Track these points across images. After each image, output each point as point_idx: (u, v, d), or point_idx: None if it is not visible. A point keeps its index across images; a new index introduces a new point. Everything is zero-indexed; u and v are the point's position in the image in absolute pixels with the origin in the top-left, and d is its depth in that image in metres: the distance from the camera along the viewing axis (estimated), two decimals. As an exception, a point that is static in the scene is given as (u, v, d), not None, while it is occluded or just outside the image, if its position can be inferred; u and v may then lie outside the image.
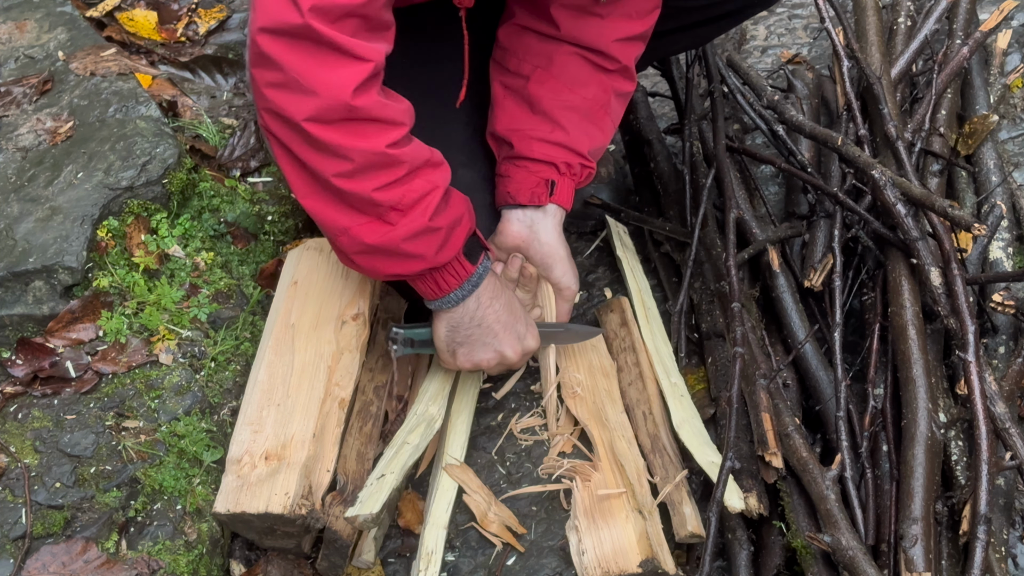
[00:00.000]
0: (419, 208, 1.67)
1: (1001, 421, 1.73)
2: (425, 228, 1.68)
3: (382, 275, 1.78)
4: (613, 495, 1.83)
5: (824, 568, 1.69)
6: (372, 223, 1.66)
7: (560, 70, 1.91)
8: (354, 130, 1.59)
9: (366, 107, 1.58)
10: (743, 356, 1.83)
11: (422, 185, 1.67)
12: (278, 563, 1.82)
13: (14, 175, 2.16)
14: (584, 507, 1.82)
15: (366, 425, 1.93)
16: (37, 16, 2.56)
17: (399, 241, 1.68)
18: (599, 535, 1.78)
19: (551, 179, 1.92)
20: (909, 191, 1.91)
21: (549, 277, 1.97)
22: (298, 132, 1.58)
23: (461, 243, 1.74)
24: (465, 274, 1.77)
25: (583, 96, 1.91)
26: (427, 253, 1.71)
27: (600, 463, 1.88)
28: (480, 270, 1.79)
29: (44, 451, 1.84)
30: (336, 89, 1.55)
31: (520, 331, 1.87)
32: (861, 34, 2.34)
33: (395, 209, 1.65)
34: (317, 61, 1.54)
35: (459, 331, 1.83)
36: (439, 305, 1.80)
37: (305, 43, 1.53)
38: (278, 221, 2.29)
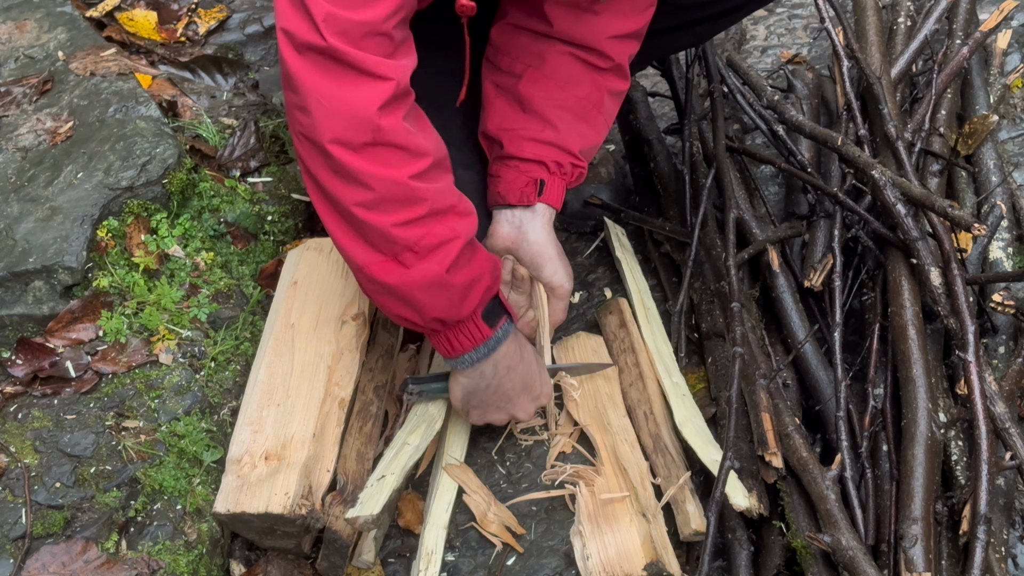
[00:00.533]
0: (437, 256, 1.61)
1: (1001, 421, 1.73)
2: (440, 280, 1.62)
3: (395, 317, 1.73)
4: (616, 499, 1.82)
5: (824, 568, 1.69)
6: (387, 262, 1.62)
7: (552, 69, 1.90)
8: (377, 157, 1.55)
9: (390, 129, 1.54)
10: (743, 356, 1.83)
11: (443, 231, 1.61)
12: (278, 563, 1.82)
13: (14, 175, 2.16)
14: (588, 512, 1.82)
15: (366, 425, 1.94)
16: (37, 16, 2.56)
17: (412, 286, 1.63)
18: (603, 539, 1.78)
19: (540, 178, 1.90)
20: (909, 191, 1.91)
21: (539, 277, 1.95)
22: (323, 156, 1.55)
23: (477, 302, 1.69)
24: (481, 338, 1.72)
25: (575, 95, 1.90)
26: (439, 307, 1.66)
27: (603, 467, 1.88)
28: (499, 334, 1.74)
29: (44, 451, 1.84)
30: (361, 108, 1.52)
31: (536, 391, 1.86)
32: (861, 34, 2.34)
33: (411, 250, 1.60)
34: (341, 82, 1.51)
35: (475, 396, 1.81)
36: (454, 364, 1.77)
37: (328, 62, 1.50)
38: (278, 221, 2.29)
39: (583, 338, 2.11)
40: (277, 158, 2.42)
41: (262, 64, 2.74)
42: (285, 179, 2.36)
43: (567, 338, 2.12)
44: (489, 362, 1.76)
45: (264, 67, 2.73)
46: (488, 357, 1.75)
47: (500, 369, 1.78)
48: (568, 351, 2.09)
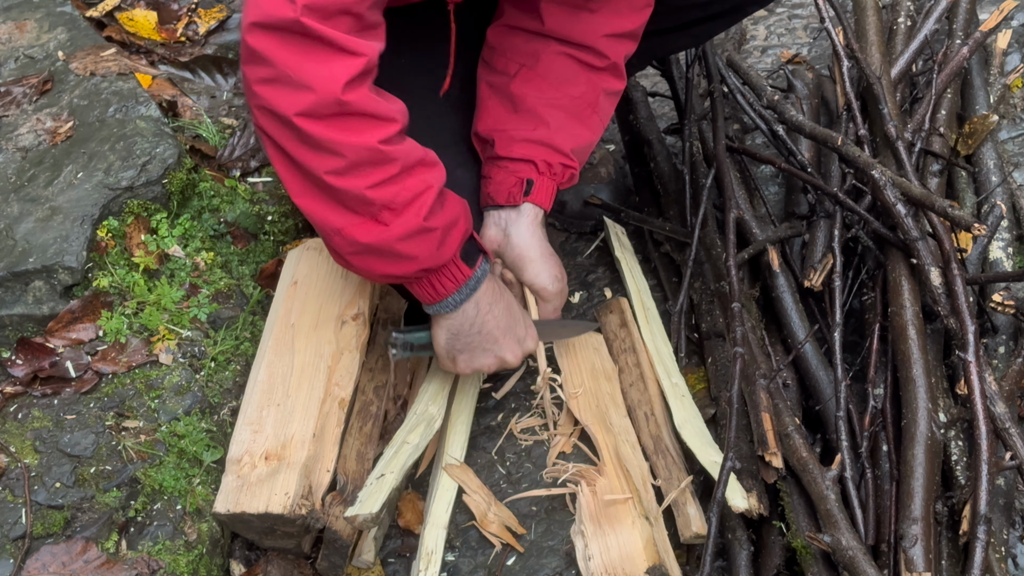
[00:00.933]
0: (413, 207, 1.65)
1: (1001, 421, 1.73)
2: (420, 228, 1.66)
3: (377, 276, 1.76)
4: (619, 500, 1.82)
5: (824, 568, 1.69)
6: (366, 223, 1.65)
7: (546, 69, 1.90)
8: (346, 125, 1.58)
9: (357, 101, 1.56)
10: (743, 356, 1.83)
11: (416, 184, 1.65)
12: (278, 563, 1.82)
13: (14, 175, 2.16)
14: (590, 512, 1.82)
15: (366, 425, 1.94)
16: (37, 16, 2.56)
17: (393, 241, 1.66)
18: (605, 541, 1.78)
19: (529, 178, 1.90)
20: (909, 191, 1.91)
21: (522, 279, 1.94)
22: (290, 128, 1.57)
23: (457, 245, 1.72)
24: (463, 277, 1.75)
25: (570, 95, 1.90)
26: (422, 254, 1.69)
27: (605, 467, 1.88)
28: (478, 273, 1.77)
29: (44, 451, 1.84)
30: (328, 82, 1.54)
31: (520, 334, 1.86)
32: (861, 34, 2.34)
33: (388, 208, 1.63)
34: (308, 56, 1.53)
35: (459, 338, 1.82)
36: (437, 309, 1.79)
37: (296, 38, 1.52)
38: (278, 221, 2.29)
39: (583, 337, 2.11)
40: (277, 158, 2.42)
41: (262, 64, 2.73)
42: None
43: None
44: (471, 301, 1.78)
45: (264, 67, 2.72)
46: (470, 297, 1.77)
47: (482, 306, 1.79)
48: (568, 348, 2.09)
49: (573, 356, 2.07)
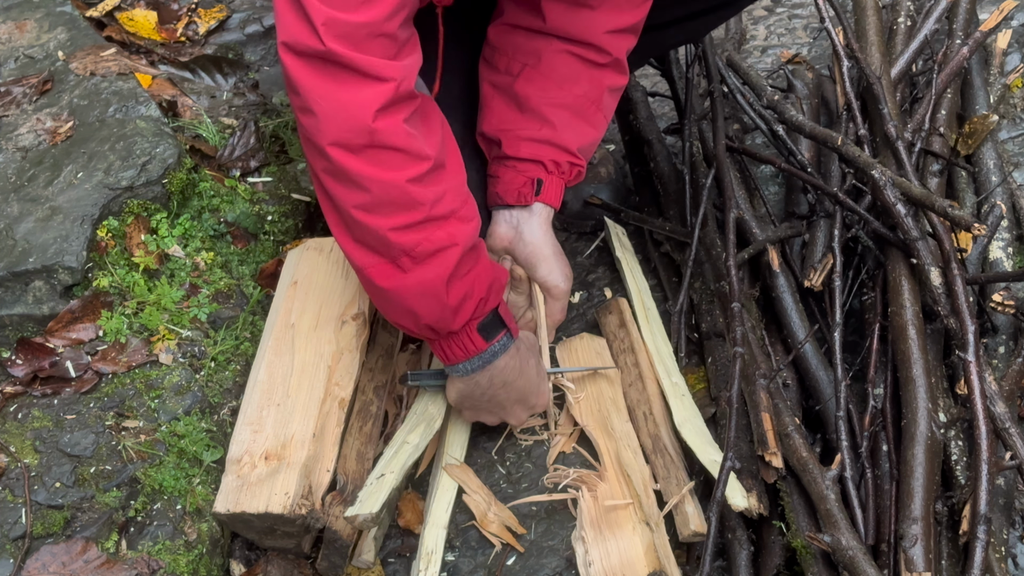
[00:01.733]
0: (435, 262, 1.60)
1: (1001, 421, 1.73)
2: (434, 290, 1.62)
3: (393, 322, 1.73)
4: (620, 506, 1.82)
5: (824, 568, 1.69)
6: (385, 265, 1.61)
7: (549, 68, 1.89)
8: (376, 159, 1.54)
9: (387, 131, 1.53)
10: (743, 356, 1.83)
11: (441, 238, 1.60)
12: (278, 563, 1.82)
13: (14, 175, 2.16)
14: (591, 517, 1.82)
15: (366, 425, 1.94)
16: (37, 16, 2.56)
17: (407, 293, 1.62)
18: (606, 546, 1.78)
19: (538, 178, 1.90)
20: (909, 191, 1.91)
21: (535, 276, 1.95)
22: (324, 158, 1.55)
23: (469, 316, 1.68)
24: (474, 350, 1.71)
25: (573, 93, 1.90)
26: (431, 316, 1.65)
27: (606, 473, 1.88)
28: (495, 348, 1.73)
29: (44, 451, 1.84)
30: (358, 111, 1.51)
31: (532, 402, 1.87)
32: (861, 34, 2.34)
33: (408, 255, 1.59)
34: (338, 84, 1.51)
35: (469, 399, 1.82)
36: (450, 371, 1.78)
37: (326, 66, 1.50)
38: (278, 221, 2.29)
39: (586, 339, 2.11)
40: (277, 158, 2.42)
41: (262, 64, 2.74)
42: (285, 179, 2.36)
43: (570, 339, 2.12)
44: (484, 374, 1.76)
45: (264, 67, 2.73)
46: (483, 369, 1.75)
47: (496, 382, 1.78)
48: (571, 352, 2.08)
49: (575, 360, 2.07)
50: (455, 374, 1.78)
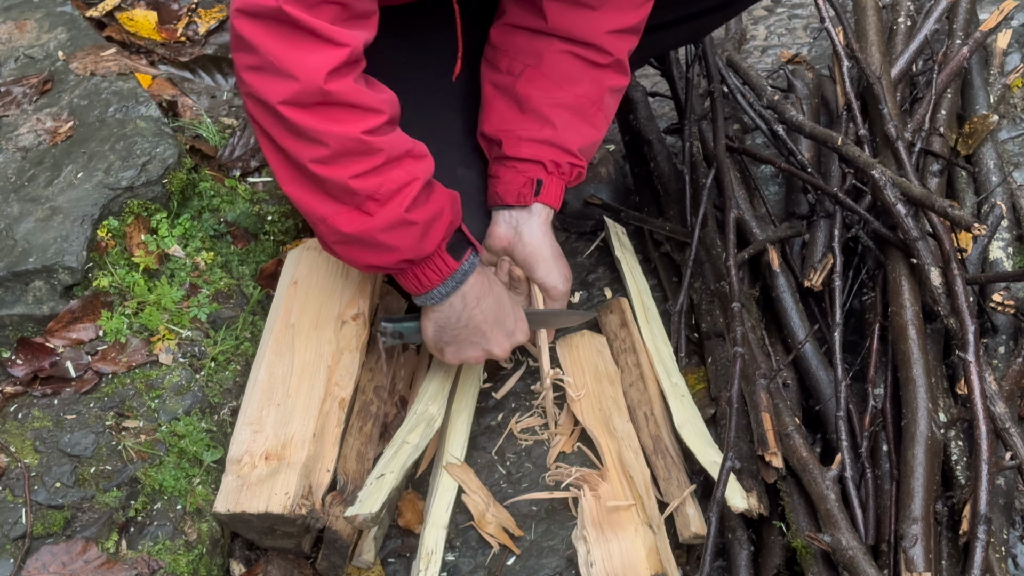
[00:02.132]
0: (397, 199, 1.65)
1: (1001, 421, 1.73)
2: (402, 220, 1.66)
3: (361, 266, 1.77)
4: (622, 507, 1.82)
5: (824, 568, 1.69)
6: (349, 212, 1.65)
7: (550, 68, 1.90)
8: (329, 114, 1.58)
9: (340, 92, 1.57)
10: (743, 356, 1.83)
11: (401, 175, 1.65)
12: (278, 563, 1.82)
13: (14, 175, 2.16)
14: (592, 517, 1.82)
15: (366, 425, 1.94)
16: (37, 16, 2.56)
17: (376, 231, 1.66)
18: (608, 547, 1.77)
19: (538, 178, 1.91)
20: (909, 191, 1.91)
21: (533, 277, 1.96)
22: (275, 116, 1.58)
23: (440, 237, 1.72)
24: (448, 270, 1.75)
25: (574, 93, 1.90)
26: (403, 245, 1.69)
27: (608, 472, 1.88)
28: (465, 266, 1.77)
29: (44, 451, 1.84)
30: (310, 72, 1.55)
31: (509, 326, 1.86)
32: (861, 34, 2.34)
33: (372, 199, 1.64)
34: (291, 44, 1.54)
35: (446, 330, 1.83)
36: (423, 301, 1.79)
37: (279, 26, 1.53)
38: (278, 221, 2.29)
39: (587, 336, 2.11)
40: (277, 158, 2.42)
41: (262, 64, 2.73)
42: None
43: (570, 336, 2.12)
44: (458, 295, 1.78)
45: (264, 67, 2.72)
46: (456, 290, 1.77)
47: (469, 300, 1.79)
48: (571, 349, 2.09)
49: (576, 358, 2.07)
50: (430, 302, 1.79)
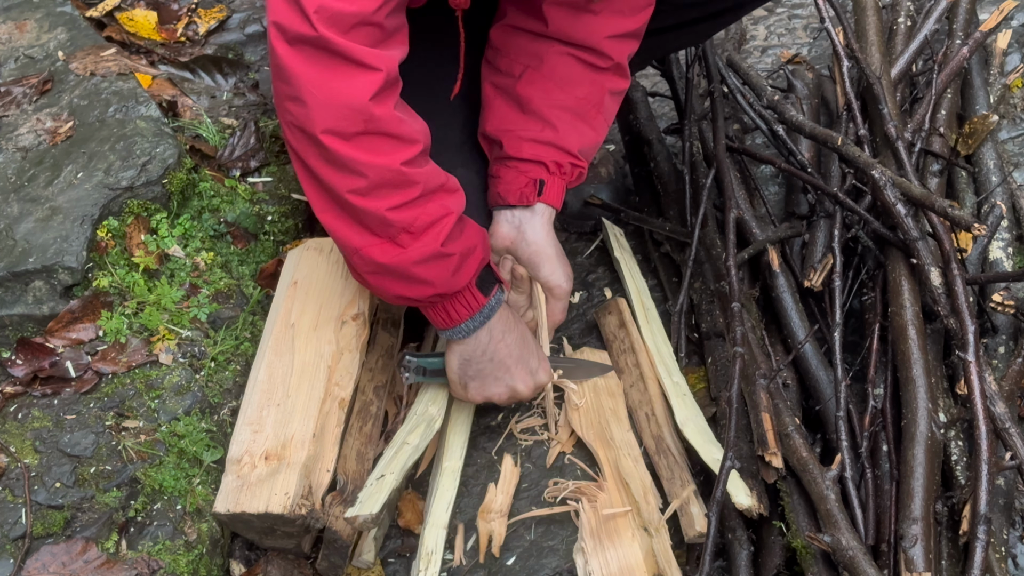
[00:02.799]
0: (432, 232, 1.66)
1: (1001, 421, 1.73)
2: (437, 253, 1.67)
3: (392, 296, 1.76)
4: (619, 514, 1.82)
5: (824, 568, 1.69)
6: (384, 244, 1.66)
7: (551, 70, 1.90)
8: (369, 145, 1.59)
9: (383, 118, 1.58)
10: (743, 356, 1.83)
11: (436, 209, 1.66)
12: (278, 563, 1.82)
13: (14, 175, 2.16)
14: (590, 528, 1.82)
15: (366, 425, 1.94)
16: (37, 16, 2.56)
17: (410, 264, 1.66)
18: (605, 556, 1.78)
19: (540, 179, 1.91)
20: (909, 191, 1.91)
21: (537, 276, 1.96)
22: (316, 145, 1.58)
23: (473, 272, 1.73)
24: (477, 305, 1.75)
25: (575, 95, 1.91)
26: (437, 279, 1.70)
27: (605, 483, 1.88)
28: (492, 302, 1.78)
29: (44, 451, 1.84)
30: (354, 98, 1.55)
31: (532, 365, 1.87)
32: (861, 34, 2.34)
33: (407, 231, 1.65)
34: (333, 73, 1.54)
35: (471, 364, 1.83)
36: (450, 335, 1.79)
37: (319, 53, 1.53)
38: (278, 221, 2.29)
39: (586, 352, 2.11)
40: (277, 158, 2.42)
41: (262, 64, 2.74)
42: (285, 179, 2.36)
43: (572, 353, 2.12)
44: (485, 329, 1.79)
45: (264, 67, 2.73)
46: (483, 325, 1.78)
47: (495, 334, 1.80)
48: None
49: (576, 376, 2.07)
50: (457, 337, 1.79)
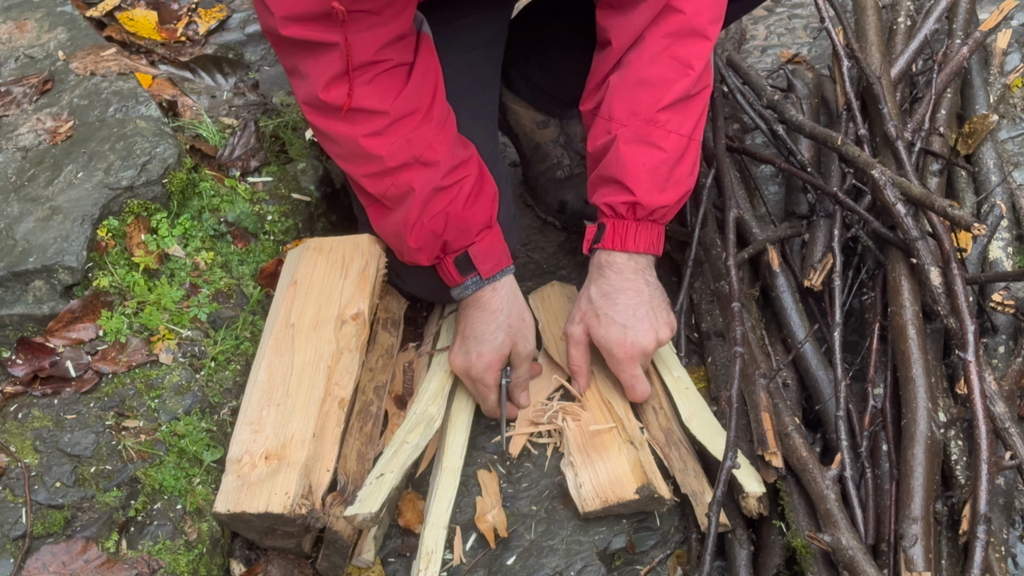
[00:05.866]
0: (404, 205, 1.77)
1: (1001, 421, 1.73)
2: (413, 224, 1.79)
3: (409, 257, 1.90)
4: (604, 430, 1.89)
5: (824, 568, 1.69)
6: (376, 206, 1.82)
7: None
8: (334, 117, 1.72)
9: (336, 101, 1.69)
10: (743, 356, 1.83)
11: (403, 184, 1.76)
12: (278, 563, 1.82)
13: (14, 175, 2.16)
14: (577, 444, 1.89)
15: (366, 425, 1.94)
16: (37, 16, 2.56)
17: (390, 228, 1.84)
18: (594, 468, 1.85)
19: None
20: (909, 191, 1.91)
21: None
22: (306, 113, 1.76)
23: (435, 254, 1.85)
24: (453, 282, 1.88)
25: None
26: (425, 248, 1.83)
27: (588, 403, 1.95)
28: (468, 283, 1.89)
29: (44, 451, 1.84)
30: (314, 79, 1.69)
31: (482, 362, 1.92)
32: (861, 34, 2.34)
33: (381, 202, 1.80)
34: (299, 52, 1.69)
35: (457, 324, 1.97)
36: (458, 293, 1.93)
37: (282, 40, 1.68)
38: (278, 221, 2.29)
39: (557, 287, 2.19)
40: (277, 158, 2.42)
41: (262, 64, 2.74)
42: (285, 179, 2.36)
43: (541, 288, 2.20)
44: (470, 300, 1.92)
45: (264, 67, 2.73)
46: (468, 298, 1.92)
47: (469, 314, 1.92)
48: (544, 300, 2.17)
49: (550, 307, 2.14)
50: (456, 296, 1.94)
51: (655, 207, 1.85)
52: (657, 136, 1.82)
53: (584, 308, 1.91)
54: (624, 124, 1.83)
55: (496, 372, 1.92)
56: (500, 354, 1.91)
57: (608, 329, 1.87)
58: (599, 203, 1.89)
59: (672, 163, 1.84)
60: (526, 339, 1.94)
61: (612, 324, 1.87)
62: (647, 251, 1.88)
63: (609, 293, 1.88)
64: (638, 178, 1.83)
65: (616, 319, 1.86)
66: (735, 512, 1.79)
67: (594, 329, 1.89)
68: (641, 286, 1.88)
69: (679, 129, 1.83)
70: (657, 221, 1.88)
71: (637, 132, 1.82)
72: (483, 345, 1.91)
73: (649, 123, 1.82)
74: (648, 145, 1.82)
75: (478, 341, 1.91)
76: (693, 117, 1.85)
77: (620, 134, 1.83)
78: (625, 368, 1.88)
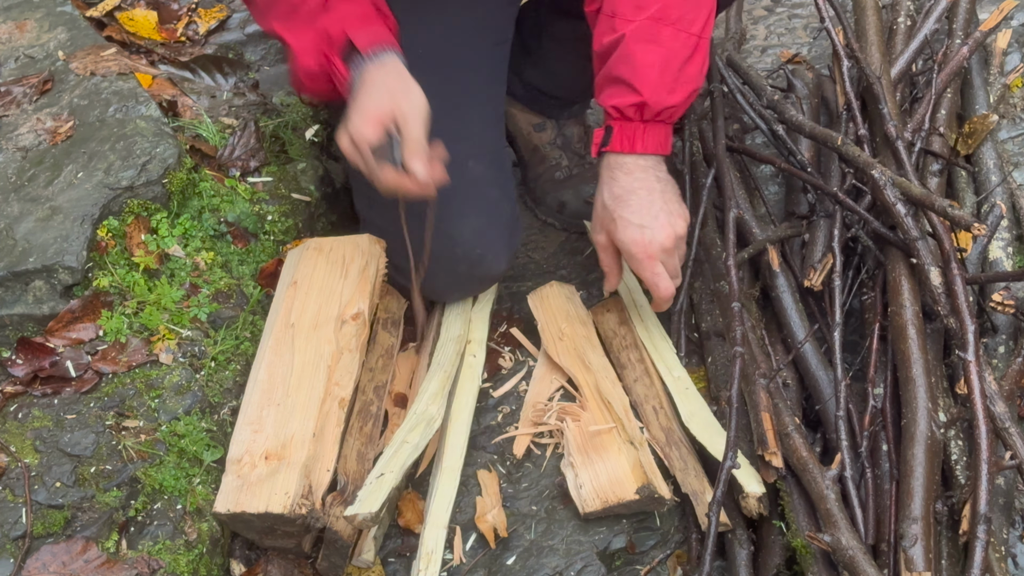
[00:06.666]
0: None
1: (1001, 421, 1.73)
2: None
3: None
4: (604, 430, 1.89)
5: (824, 568, 1.69)
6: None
7: None
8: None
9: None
10: (743, 356, 1.83)
11: None
12: (278, 563, 1.82)
13: (14, 175, 2.16)
14: (577, 444, 1.89)
15: (366, 425, 1.94)
16: (37, 16, 2.56)
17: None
18: (594, 468, 1.85)
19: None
20: (909, 191, 1.91)
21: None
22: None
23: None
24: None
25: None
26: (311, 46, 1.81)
27: (587, 403, 1.95)
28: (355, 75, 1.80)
29: (44, 451, 1.84)
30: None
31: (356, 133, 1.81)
32: (861, 34, 2.34)
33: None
34: None
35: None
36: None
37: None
38: (278, 221, 2.29)
39: (556, 287, 2.18)
40: (277, 158, 2.42)
41: (262, 64, 2.74)
42: (285, 179, 2.36)
43: (540, 288, 2.19)
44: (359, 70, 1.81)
45: (264, 67, 2.73)
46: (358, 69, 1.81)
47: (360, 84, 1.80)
48: (543, 300, 2.16)
49: (548, 307, 2.14)
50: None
51: (663, 107, 1.83)
52: (666, 35, 1.79)
53: (600, 214, 1.91)
54: (630, 20, 1.80)
55: (375, 126, 1.75)
56: (379, 109, 1.75)
57: (625, 231, 1.87)
58: (606, 105, 1.87)
59: (681, 62, 1.81)
60: (410, 96, 1.77)
61: (628, 226, 1.86)
62: (655, 151, 1.88)
63: (621, 196, 1.88)
64: (646, 78, 1.81)
65: (632, 220, 1.86)
66: (735, 512, 1.79)
67: (613, 234, 1.89)
68: (652, 183, 1.87)
69: (689, 28, 1.81)
70: (665, 121, 1.87)
71: (645, 30, 1.79)
72: (360, 108, 1.78)
73: (657, 20, 1.78)
74: (656, 44, 1.79)
75: (356, 109, 1.78)
76: (703, 16, 1.83)
77: (628, 32, 1.79)
78: (646, 267, 1.88)
